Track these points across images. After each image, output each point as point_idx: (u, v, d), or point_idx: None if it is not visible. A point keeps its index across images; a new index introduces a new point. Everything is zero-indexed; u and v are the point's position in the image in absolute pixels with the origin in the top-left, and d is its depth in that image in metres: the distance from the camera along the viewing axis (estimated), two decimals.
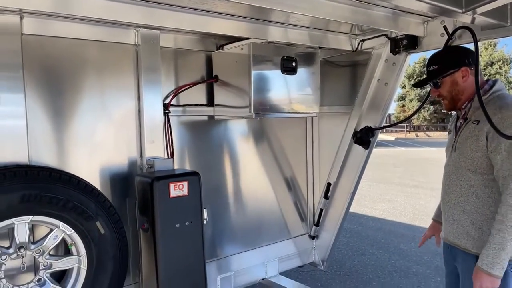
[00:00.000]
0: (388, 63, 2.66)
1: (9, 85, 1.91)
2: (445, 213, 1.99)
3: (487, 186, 1.79)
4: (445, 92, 1.92)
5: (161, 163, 2.29)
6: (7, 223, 1.76)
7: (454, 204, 1.90)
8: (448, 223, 1.96)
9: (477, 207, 1.82)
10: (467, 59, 1.86)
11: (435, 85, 1.93)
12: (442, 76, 1.89)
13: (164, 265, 2.09)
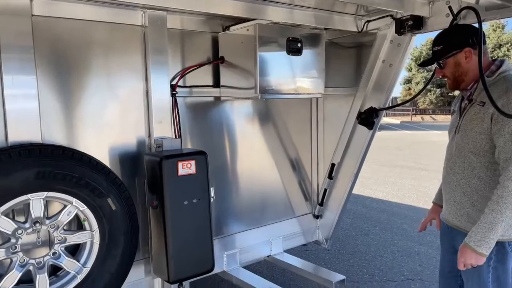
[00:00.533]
0: (393, 44, 2.68)
1: (21, 66, 1.96)
2: (446, 194, 2.01)
3: (489, 169, 1.81)
4: (448, 73, 1.92)
5: (169, 142, 2.35)
6: (23, 198, 1.84)
7: (456, 185, 1.92)
8: (449, 204, 1.98)
9: (478, 189, 1.84)
10: (471, 39, 1.84)
11: (439, 66, 1.93)
12: (445, 57, 1.89)
13: (173, 241, 2.17)
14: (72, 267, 2.02)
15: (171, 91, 2.47)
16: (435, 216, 2.26)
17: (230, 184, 2.92)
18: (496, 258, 1.83)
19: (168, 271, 2.18)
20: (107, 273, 2.07)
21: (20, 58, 1.96)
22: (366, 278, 3.79)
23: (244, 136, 2.95)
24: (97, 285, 2.05)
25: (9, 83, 1.93)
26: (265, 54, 2.43)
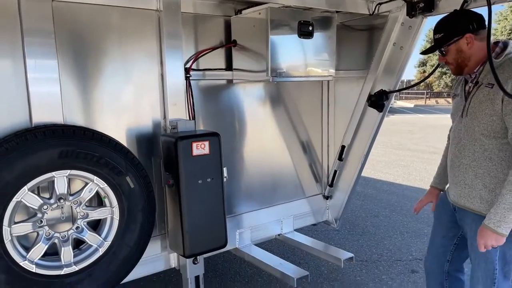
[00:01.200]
0: (404, 26, 2.69)
1: (43, 51, 2.05)
2: (455, 177, 2.02)
3: (501, 150, 1.83)
4: (451, 59, 1.93)
5: (184, 124, 2.43)
6: (48, 176, 1.95)
7: (466, 168, 1.94)
8: (459, 187, 2.00)
9: (491, 170, 1.86)
10: (471, 24, 1.85)
11: (441, 53, 1.95)
12: (446, 44, 1.90)
13: (188, 217, 2.28)
14: (94, 241, 2.15)
15: (185, 74, 2.54)
16: (433, 199, 2.32)
17: (242, 164, 3.00)
18: None
19: (183, 246, 2.29)
20: (126, 246, 2.20)
21: (42, 42, 2.05)
22: (374, 258, 3.88)
23: (256, 118, 3.02)
24: (117, 257, 2.18)
25: (32, 67, 2.03)
26: (276, 37, 2.48)
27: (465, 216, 2.01)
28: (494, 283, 1.94)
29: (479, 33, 1.86)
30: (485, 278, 1.95)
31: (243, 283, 3.43)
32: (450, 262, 2.19)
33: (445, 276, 2.22)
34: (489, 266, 1.93)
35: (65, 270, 2.05)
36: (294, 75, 2.61)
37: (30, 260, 1.97)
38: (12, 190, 1.86)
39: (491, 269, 1.93)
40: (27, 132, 1.90)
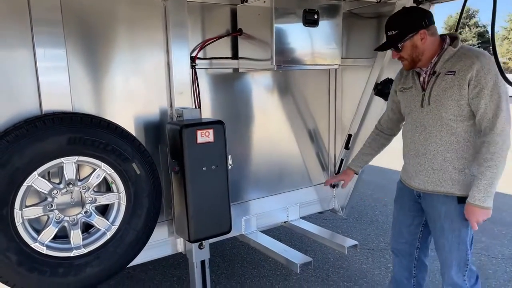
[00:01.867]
0: None
1: (51, 40, 2.10)
2: (420, 165, 2.06)
3: (467, 132, 1.93)
4: (406, 55, 1.98)
5: (189, 112, 2.48)
6: (57, 161, 2.03)
7: (434, 154, 1.99)
8: (426, 173, 2.04)
9: (458, 152, 1.94)
10: (423, 21, 1.92)
11: (396, 50, 1.99)
12: (402, 41, 1.94)
13: (193, 203, 2.33)
14: (102, 225, 2.23)
15: (191, 63, 2.58)
16: (346, 178, 2.51)
17: (249, 152, 3.04)
18: None
19: (188, 231, 2.35)
20: (133, 230, 2.27)
21: (50, 31, 2.10)
22: (382, 246, 3.89)
23: (262, 106, 3.05)
24: (124, 241, 2.26)
25: (41, 56, 2.09)
26: (281, 26, 2.48)
27: (434, 201, 2.05)
28: (467, 264, 2.02)
29: (430, 28, 1.94)
30: (458, 260, 2.02)
31: (250, 268, 3.50)
32: (419, 248, 2.27)
33: (414, 262, 2.30)
34: (462, 247, 2.00)
35: (74, 252, 2.14)
36: (299, 64, 2.62)
37: (41, 242, 2.05)
38: (23, 175, 1.94)
39: (464, 250, 2.00)
40: (36, 120, 1.97)
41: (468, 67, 1.84)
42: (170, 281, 3.32)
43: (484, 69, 1.82)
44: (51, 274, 2.06)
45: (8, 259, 1.95)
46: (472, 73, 1.83)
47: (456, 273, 2.03)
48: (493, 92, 1.82)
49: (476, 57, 1.85)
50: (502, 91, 1.83)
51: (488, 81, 1.81)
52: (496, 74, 1.83)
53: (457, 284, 2.04)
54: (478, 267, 3.44)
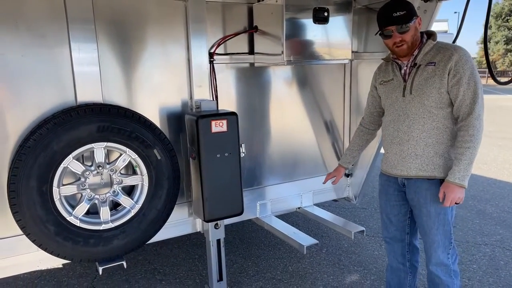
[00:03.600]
0: (420, 10, 2.75)
1: (84, 36, 2.38)
2: (403, 152, 2.19)
3: (446, 118, 2.09)
4: (409, 37, 2.06)
5: (207, 104, 2.71)
6: (88, 147, 2.32)
7: (417, 141, 2.13)
8: (409, 160, 2.17)
9: (438, 138, 2.11)
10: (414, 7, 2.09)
11: (403, 30, 2.03)
12: (411, 21, 2.04)
13: (208, 187, 2.57)
14: (127, 203, 2.52)
15: (209, 59, 2.80)
16: (337, 174, 2.67)
17: (265, 141, 3.24)
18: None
19: (204, 212, 2.60)
20: (154, 209, 2.55)
21: (83, 28, 2.38)
22: None
23: (279, 98, 3.22)
24: (147, 218, 2.54)
25: (77, 50, 2.38)
26: (291, 23, 2.65)
27: (417, 186, 2.18)
28: (451, 242, 2.18)
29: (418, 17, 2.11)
30: (444, 240, 2.17)
31: (266, 250, 3.73)
32: (409, 233, 2.42)
33: (407, 247, 2.45)
34: (447, 228, 2.16)
35: (103, 226, 2.44)
36: (309, 59, 2.78)
37: (75, 216, 2.37)
38: (60, 157, 2.25)
39: (449, 230, 2.16)
40: (71, 110, 2.27)
41: (448, 58, 2.01)
42: (192, 258, 3.61)
43: (462, 60, 1.99)
44: (84, 244, 2.38)
45: (48, 230, 2.27)
46: (452, 64, 2.00)
47: (442, 253, 2.19)
48: (470, 81, 1.98)
49: (454, 50, 2.02)
50: (477, 80, 2.00)
51: (466, 70, 1.98)
52: (472, 65, 2.00)
53: (443, 263, 2.20)
54: (491, 258, 3.50)
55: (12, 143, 2.30)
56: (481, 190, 5.36)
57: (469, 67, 1.99)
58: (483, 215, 4.50)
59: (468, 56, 2.01)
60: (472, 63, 2.01)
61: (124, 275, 3.33)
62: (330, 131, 3.53)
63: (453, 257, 2.23)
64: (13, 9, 2.22)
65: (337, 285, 3.14)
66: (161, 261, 3.57)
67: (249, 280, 3.23)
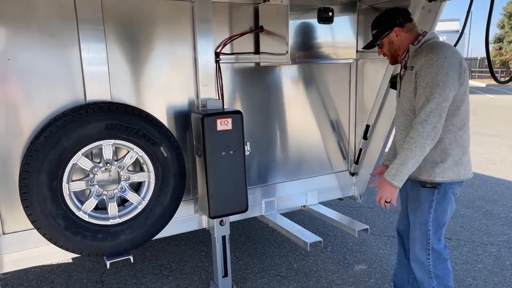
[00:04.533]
0: (424, 10, 2.76)
1: (93, 36, 2.45)
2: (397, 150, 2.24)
3: None
4: (386, 50, 2.27)
5: (212, 103, 2.75)
6: (97, 144, 2.39)
7: (398, 142, 2.24)
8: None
9: None
10: (398, 19, 2.15)
11: (378, 46, 2.26)
12: (380, 38, 2.22)
13: (213, 184, 2.62)
14: (135, 199, 2.58)
15: (215, 58, 2.85)
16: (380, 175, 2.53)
17: (270, 140, 3.27)
18: (436, 200, 2.14)
19: (209, 208, 2.65)
20: (160, 205, 2.60)
21: (93, 29, 2.45)
22: None
23: (285, 98, 3.26)
24: (153, 214, 2.60)
25: (86, 50, 2.45)
26: (296, 23, 2.68)
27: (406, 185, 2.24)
28: (429, 243, 2.21)
29: (405, 26, 2.16)
30: (421, 237, 2.23)
31: (271, 248, 3.77)
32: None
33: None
34: (423, 227, 2.20)
35: (111, 221, 2.51)
36: (313, 59, 2.81)
37: (84, 211, 2.44)
38: (69, 154, 2.32)
39: (425, 229, 2.20)
40: (80, 108, 2.34)
41: (417, 62, 2.06)
42: (199, 255, 3.67)
43: (425, 65, 2.00)
44: (92, 238, 2.45)
45: (57, 224, 2.34)
46: (417, 68, 2.05)
47: (419, 250, 2.24)
48: (427, 85, 1.98)
49: (425, 54, 2.04)
50: (436, 85, 1.95)
51: (426, 75, 1.99)
52: (436, 71, 1.95)
53: (419, 260, 2.26)
54: (497, 258, 3.49)
55: (24, 140, 2.37)
56: (489, 190, 5.33)
57: (430, 72, 1.96)
58: (490, 215, 4.48)
59: (436, 61, 1.97)
60: (438, 69, 1.95)
61: (132, 270, 3.40)
62: (336, 130, 3.55)
63: (435, 262, 2.23)
64: (25, 10, 2.29)
65: (341, 282, 3.17)
66: (168, 257, 3.64)
67: (254, 276, 3.28)
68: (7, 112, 2.33)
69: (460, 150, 2.12)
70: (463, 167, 2.14)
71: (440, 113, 1.96)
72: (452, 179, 2.12)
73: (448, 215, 2.20)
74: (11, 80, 2.32)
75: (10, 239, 2.44)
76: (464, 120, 2.11)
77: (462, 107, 2.08)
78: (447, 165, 2.11)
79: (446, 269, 2.27)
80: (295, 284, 3.16)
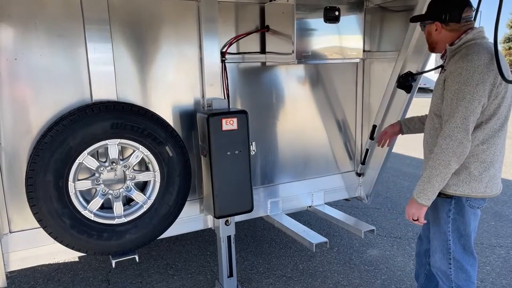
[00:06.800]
0: None
1: (99, 36, 2.46)
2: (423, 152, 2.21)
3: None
4: (425, 36, 2.16)
5: (218, 102, 2.75)
6: (103, 143, 2.39)
7: (426, 144, 2.14)
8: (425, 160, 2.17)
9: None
10: (445, 14, 1.98)
11: (422, 27, 2.17)
12: (422, 23, 2.14)
13: (218, 184, 2.62)
14: (140, 199, 2.58)
15: (221, 58, 2.84)
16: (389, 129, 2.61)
17: (276, 140, 3.26)
18: (454, 210, 2.04)
19: (214, 208, 2.65)
20: (166, 204, 2.60)
21: (99, 29, 2.46)
22: (409, 236, 3.97)
23: (291, 97, 3.24)
24: (158, 213, 2.60)
25: (92, 50, 2.46)
26: (302, 22, 2.67)
27: None
28: (450, 252, 2.11)
29: (449, 25, 2.00)
30: (441, 247, 2.13)
31: (277, 248, 3.75)
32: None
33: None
34: (443, 236, 2.11)
35: (117, 220, 2.51)
36: (319, 58, 2.79)
37: (89, 210, 2.45)
38: (75, 153, 2.33)
39: (445, 239, 2.10)
40: (86, 107, 2.35)
41: (449, 67, 1.93)
42: (204, 255, 3.67)
43: (454, 73, 1.86)
44: (97, 237, 2.45)
45: (63, 223, 2.35)
46: (447, 73, 1.92)
47: (440, 259, 2.14)
48: (453, 97, 1.85)
49: (457, 60, 1.89)
50: (463, 98, 1.82)
51: (453, 84, 1.85)
52: (465, 81, 1.81)
53: (441, 269, 2.16)
54: (506, 260, 3.44)
55: (31, 139, 2.39)
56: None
57: (458, 80, 1.83)
58: (499, 217, 4.42)
59: (466, 70, 1.82)
60: (467, 78, 1.81)
61: (138, 270, 3.41)
62: (342, 130, 3.53)
63: (458, 273, 2.11)
64: (32, 11, 2.31)
65: (347, 284, 3.15)
66: (174, 257, 3.64)
67: (259, 277, 3.27)
68: (14, 111, 2.35)
69: (480, 165, 1.95)
70: (482, 184, 1.97)
71: (466, 128, 1.83)
72: (466, 194, 1.98)
73: (471, 224, 2.05)
74: (18, 79, 2.33)
75: (17, 237, 2.46)
76: (490, 134, 1.94)
77: (490, 122, 1.91)
78: (461, 178, 1.97)
79: (469, 281, 2.12)
80: (300, 285, 3.14)
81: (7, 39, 2.28)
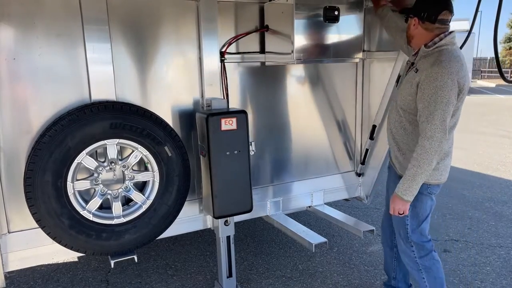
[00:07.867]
0: None
1: (98, 36, 2.45)
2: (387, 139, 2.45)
3: (411, 123, 2.21)
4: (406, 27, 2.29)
5: (217, 102, 2.74)
6: (102, 143, 2.39)
7: (390, 133, 2.33)
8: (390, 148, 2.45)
9: (403, 137, 2.28)
10: (424, 13, 2.07)
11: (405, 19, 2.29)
12: (406, 15, 2.24)
13: (217, 184, 2.61)
14: (139, 199, 2.58)
15: (220, 58, 2.84)
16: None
17: (275, 140, 3.25)
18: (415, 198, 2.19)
19: (213, 208, 2.64)
20: (165, 204, 2.60)
21: (98, 29, 2.45)
22: None
23: (291, 97, 3.23)
24: (157, 213, 2.59)
25: (91, 50, 2.45)
26: (301, 22, 2.66)
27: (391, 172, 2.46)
28: (408, 237, 2.34)
29: (425, 23, 2.10)
30: (399, 228, 2.42)
31: (277, 248, 3.75)
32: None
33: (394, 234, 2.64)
34: (401, 221, 2.36)
35: (115, 220, 2.50)
36: (319, 58, 2.79)
37: (88, 210, 2.44)
38: (74, 153, 2.32)
39: (403, 224, 2.36)
40: (85, 107, 2.34)
41: (422, 70, 2.05)
42: (204, 255, 3.66)
43: (430, 77, 1.99)
44: (96, 238, 2.45)
45: (62, 223, 2.35)
46: (421, 77, 2.03)
47: (402, 240, 2.41)
48: (430, 100, 1.99)
49: (432, 64, 2.01)
50: (440, 101, 1.97)
51: (429, 88, 1.99)
52: (441, 86, 1.95)
53: (404, 250, 2.43)
54: (506, 260, 3.44)
55: (29, 139, 2.38)
56: (498, 191, 5.26)
57: (434, 86, 1.97)
58: (499, 217, 4.41)
59: (441, 75, 1.97)
60: (442, 84, 1.97)
61: (137, 270, 3.40)
62: (342, 130, 3.52)
63: (420, 252, 2.34)
64: (31, 10, 2.30)
65: (347, 284, 3.14)
66: (173, 257, 3.63)
67: (259, 277, 3.26)
68: (13, 111, 2.34)
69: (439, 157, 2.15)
70: (439, 172, 2.22)
71: (444, 129, 2.02)
72: (426, 181, 2.19)
73: (427, 211, 2.31)
74: (17, 79, 2.33)
75: (16, 237, 2.46)
76: (449, 130, 2.12)
77: (452, 120, 2.13)
78: None
79: (433, 259, 2.35)
80: (300, 285, 3.14)
81: (6, 38, 2.27)
